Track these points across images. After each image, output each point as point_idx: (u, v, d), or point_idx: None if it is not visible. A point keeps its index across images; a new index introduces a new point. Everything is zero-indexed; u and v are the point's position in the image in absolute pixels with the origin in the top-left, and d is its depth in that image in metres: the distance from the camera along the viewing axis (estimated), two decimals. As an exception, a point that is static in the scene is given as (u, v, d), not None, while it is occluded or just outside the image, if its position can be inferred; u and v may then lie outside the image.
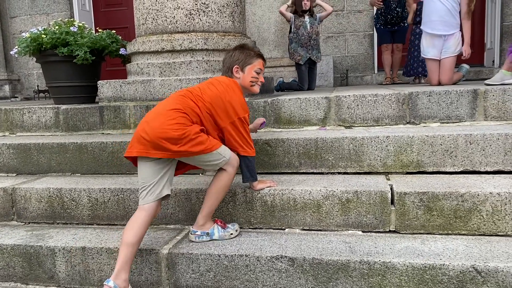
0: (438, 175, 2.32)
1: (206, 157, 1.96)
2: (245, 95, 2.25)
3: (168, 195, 1.96)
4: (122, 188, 2.38)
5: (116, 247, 2.06)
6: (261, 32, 6.72)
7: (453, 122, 2.68)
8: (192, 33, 3.11)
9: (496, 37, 6.26)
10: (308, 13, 5.02)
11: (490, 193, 1.96)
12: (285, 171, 2.53)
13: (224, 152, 2.00)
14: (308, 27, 4.97)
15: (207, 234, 2.09)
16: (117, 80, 3.16)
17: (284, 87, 5.15)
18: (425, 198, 2.02)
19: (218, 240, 2.09)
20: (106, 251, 2.08)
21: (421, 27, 3.86)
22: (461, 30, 3.80)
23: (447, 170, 2.34)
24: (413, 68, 5.29)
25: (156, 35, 3.17)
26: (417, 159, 2.36)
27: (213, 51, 3.13)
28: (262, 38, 6.70)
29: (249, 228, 2.23)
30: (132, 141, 1.93)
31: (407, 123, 2.74)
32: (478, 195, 1.98)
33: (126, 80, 3.14)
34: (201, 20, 3.12)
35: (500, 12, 6.11)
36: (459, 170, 2.33)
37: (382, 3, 5.51)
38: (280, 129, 2.88)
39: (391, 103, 2.75)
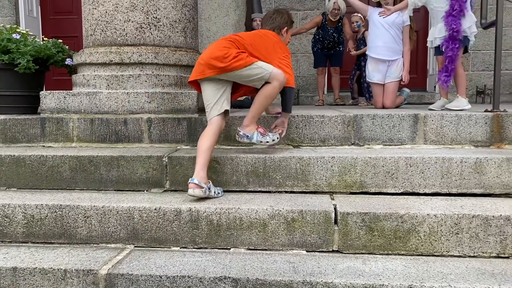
0: (380, 196, 2.40)
1: (248, 72, 2.41)
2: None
3: (227, 111, 2.48)
4: (61, 205, 2.27)
5: (51, 267, 1.95)
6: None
7: (395, 145, 2.79)
8: (142, 47, 3.07)
9: (436, 61, 6.63)
10: None
11: (428, 214, 2.05)
12: (233, 189, 2.52)
13: (265, 66, 2.44)
14: None
15: (247, 136, 2.53)
16: (61, 91, 3.04)
17: (236, 105, 5.16)
18: (367, 219, 2.08)
19: (256, 144, 2.55)
20: (40, 272, 1.96)
21: (367, 53, 4.03)
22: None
23: (389, 191, 2.42)
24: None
25: (105, 47, 3.09)
26: (360, 179, 2.43)
27: (163, 65, 3.09)
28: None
29: (194, 248, 2.18)
30: (193, 72, 2.47)
31: (352, 144, 2.82)
32: (416, 216, 2.05)
33: (71, 91, 3.03)
34: (152, 34, 3.08)
35: (441, 41, 6.50)
36: (399, 192, 2.41)
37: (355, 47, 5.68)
38: (230, 147, 2.88)
39: (337, 125, 2.82)
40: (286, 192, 2.48)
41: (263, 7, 6.59)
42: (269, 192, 2.49)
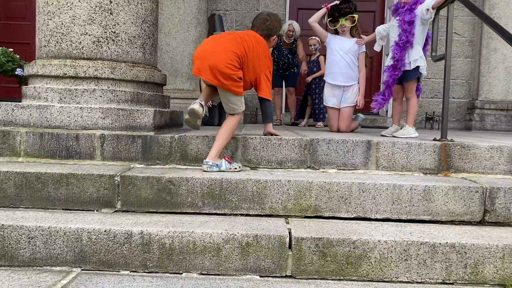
0: (333, 220, 2.43)
1: (233, 99, 2.80)
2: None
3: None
4: (2, 224, 2.14)
5: (-12, 294, 1.83)
6: (174, 63, 6.68)
7: (349, 169, 2.85)
8: (99, 61, 2.99)
9: (390, 89, 6.89)
10: None
11: (379, 241, 2.10)
12: (188, 211, 2.47)
13: (243, 103, 2.86)
14: None
15: (217, 165, 2.65)
16: (9, 103, 2.90)
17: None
18: (321, 244, 2.10)
19: (225, 171, 2.63)
20: (-25, 298, 1.83)
21: (324, 78, 4.14)
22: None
23: (342, 215, 2.46)
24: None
25: (59, 59, 2.99)
26: (315, 204, 2.46)
27: (119, 81, 3.02)
28: (175, 70, 6.66)
29: (144, 272, 2.12)
30: (203, 69, 2.73)
31: (308, 167, 2.86)
32: (368, 242, 2.10)
33: (20, 103, 2.90)
34: (109, 49, 3.01)
35: (394, 68, 6.78)
36: (352, 216, 2.46)
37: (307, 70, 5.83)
38: (186, 167, 2.84)
39: (294, 148, 2.85)
40: (241, 215, 2.47)
41: (224, 25, 6.64)
42: (225, 214, 2.47)
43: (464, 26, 6.73)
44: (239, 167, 2.74)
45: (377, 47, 3.79)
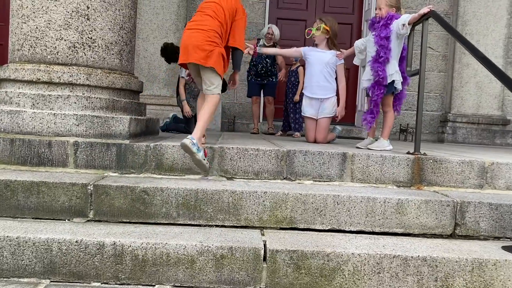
0: (308, 232, 2.44)
1: (213, 77, 2.95)
2: None
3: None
4: (-33, 234, 2.06)
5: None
6: (151, 69, 6.63)
7: (324, 181, 2.88)
8: (74, 67, 2.93)
9: (366, 101, 7.00)
10: None
11: (352, 253, 2.12)
12: (162, 221, 2.44)
13: (220, 86, 2.99)
14: None
15: (198, 149, 2.67)
16: (-21, 107, 2.81)
17: (170, 128, 5.08)
18: (295, 256, 2.10)
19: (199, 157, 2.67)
20: None
21: (302, 90, 4.17)
22: (337, 94, 4.19)
23: (317, 227, 2.48)
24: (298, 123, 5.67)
25: (33, 64, 2.92)
26: (290, 215, 2.47)
27: (95, 87, 2.97)
28: (152, 75, 6.61)
29: (116, 284, 2.07)
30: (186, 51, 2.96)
31: (284, 178, 2.87)
32: (342, 255, 2.11)
33: (-10, 108, 2.81)
34: (85, 55, 2.96)
35: (370, 80, 6.90)
36: (327, 228, 2.48)
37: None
38: (161, 176, 2.81)
39: (271, 159, 2.86)
40: (217, 226, 2.45)
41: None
42: (200, 225, 2.45)
43: (438, 41, 6.91)
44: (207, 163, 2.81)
45: (356, 61, 3.85)
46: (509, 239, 2.50)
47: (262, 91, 6.09)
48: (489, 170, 2.91)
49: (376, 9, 3.45)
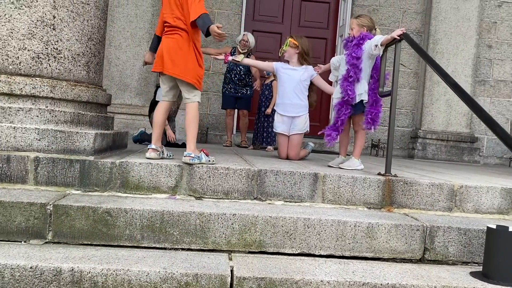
0: (278, 256, 2.38)
1: (189, 88, 2.99)
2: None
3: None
4: None
5: None
6: (123, 77, 6.48)
7: (295, 202, 2.83)
8: (38, 78, 2.80)
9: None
10: None
11: (321, 281, 2.07)
12: (126, 244, 2.34)
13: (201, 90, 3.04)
14: None
15: (198, 157, 2.83)
16: None
17: (144, 139, 4.96)
18: (263, 284, 2.04)
19: (205, 163, 2.82)
20: None
21: (274, 107, 4.13)
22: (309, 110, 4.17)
23: (287, 251, 2.42)
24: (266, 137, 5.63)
25: (-8, 73, 2.77)
26: (260, 239, 2.40)
27: (59, 100, 2.84)
28: (124, 84, 6.46)
29: (73, 314, 1.96)
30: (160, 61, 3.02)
31: (255, 198, 2.81)
32: (311, 282, 2.06)
33: None
34: (50, 66, 2.84)
35: (343, 94, 6.95)
36: (297, 252, 2.43)
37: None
38: (126, 195, 2.70)
39: (241, 178, 2.80)
40: (183, 249, 2.36)
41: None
42: (165, 249, 2.35)
43: (410, 58, 7.04)
44: (214, 161, 2.93)
45: (332, 77, 3.83)
46: (476, 264, 2.51)
47: (236, 103, 6.03)
48: (458, 193, 2.93)
49: (349, 29, 3.47)
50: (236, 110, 6.24)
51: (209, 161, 2.88)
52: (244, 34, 5.85)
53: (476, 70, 7.00)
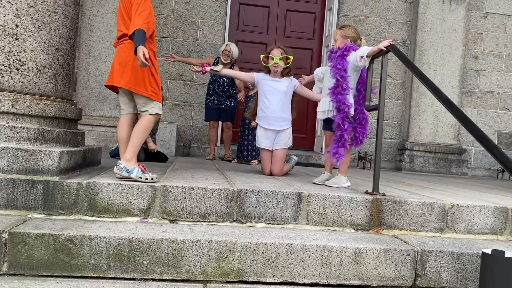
0: (258, 286, 2.19)
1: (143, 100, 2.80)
2: None
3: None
4: None
5: None
6: (102, 88, 6.24)
7: (278, 224, 2.64)
8: (-2, 92, 2.59)
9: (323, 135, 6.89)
10: None
11: (305, 316, 1.88)
12: (90, 275, 2.12)
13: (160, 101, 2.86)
14: None
15: (127, 170, 2.63)
16: None
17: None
18: (240, 321, 1.84)
19: (134, 178, 2.60)
20: None
21: (256, 121, 3.94)
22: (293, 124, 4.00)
23: (267, 280, 2.23)
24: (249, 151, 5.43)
25: None
26: (238, 267, 2.21)
27: (22, 116, 2.63)
28: (103, 95, 6.23)
29: None
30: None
31: (234, 221, 2.61)
32: (293, 318, 1.87)
33: None
34: (12, 79, 2.63)
35: (330, 106, 6.80)
36: (278, 281, 2.23)
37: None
38: (94, 218, 2.48)
39: (220, 199, 2.60)
40: (154, 280, 2.15)
41: (162, 54, 6.35)
42: (134, 279, 2.14)
43: (397, 69, 6.94)
44: (153, 179, 2.65)
45: (316, 89, 3.66)
46: (471, 291, 2.35)
47: (220, 115, 5.84)
48: (450, 213, 2.78)
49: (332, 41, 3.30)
50: (220, 122, 6.05)
51: (144, 178, 2.62)
52: (227, 44, 5.69)
53: (463, 81, 6.94)
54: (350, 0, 6.90)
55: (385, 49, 2.91)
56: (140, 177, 2.62)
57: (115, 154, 4.82)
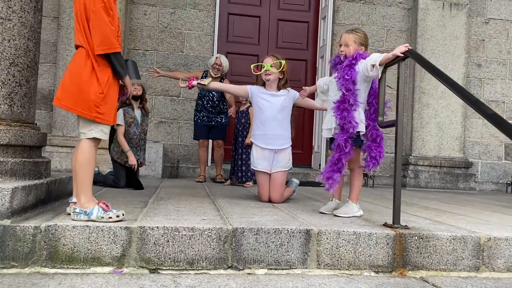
0: None
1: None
2: None
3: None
4: None
5: None
6: (82, 107, 5.76)
7: (282, 269, 2.17)
8: None
9: (322, 143, 6.47)
10: (139, 103, 4.31)
11: None
12: None
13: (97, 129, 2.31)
14: (139, 123, 4.26)
15: (85, 212, 2.17)
16: None
17: (99, 180, 4.23)
18: None
19: (97, 221, 2.13)
20: None
21: (251, 139, 3.49)
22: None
23: None
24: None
25: None
26: (237, 333, 1.73)
27: (-33, 145, 2.15)
28: (83, 114, 5.73)
29: None
30: None
31: (229, 267, 2.14)
32: None
33: None
34: (-47, 100, 2.15)
35: (327, 120, 6.37)
36: None
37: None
38: (55, 270, 2.00)
39: (211, 241, 2.13)
40: None
41: (146, 68, 5.91)
42: None
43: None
44: (119, 216, 2.18)
45: (318, 102, 3.21)
46: None
47: (210, 133, 5.38)
48: (486, 247, 2.33)
49: (341, 46, 2.86)
50: (210, 141, 5.59)
51: (107, 218, 2.14)
52: (217, 57, 5.27)
53: (467, 90, 6.56)
54: (346, 8, 6.53)
55: (402, 55, 2.49)
56: (102, 217, 2.15)
57: (96, 181, 4.31)
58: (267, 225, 2.25)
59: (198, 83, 3.35)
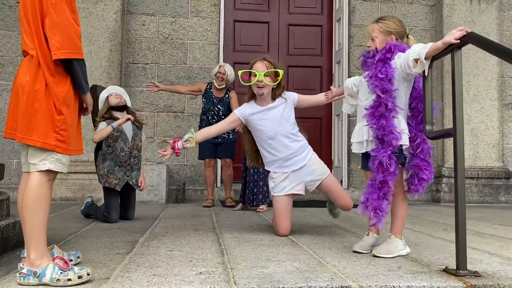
0: None
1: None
2: None
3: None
4: None
5: None
6: (77, 128, 5.25)
7: None
8: None
9: (344, 156, 5.85)
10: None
11: None
12: None
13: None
14: (130, 139, 3.63)
15: (35, 273, 1.62)
16: None
17: (90, 214, 3.66)
18: None
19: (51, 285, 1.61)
20: None
21: (266, 168, 2.87)
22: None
23: None
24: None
25: None
26: None
27: None
28: (78, 136, 5.23)
29: None
30: None
31: None
32: None
33: None
34: None
35: (347, 132, 5.75)
36: None
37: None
38: None
39: (209, 309, 1.52)
40: None
41: (147, 83, 5.40)
42: None
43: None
44: (81, 278, 1.61)
45: (346, 108, 2.56)
46: None
47: (217, 151, 4.80)
48: None
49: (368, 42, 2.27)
50: (217, 160, 5.00)
51: (65, 280, 1.60)
52: (220, 66, 4.73)
53: (502, 91, 5.88)
54: (362, 8, 5.96)
55: (458, 41, 1.88)
56: (58, 279, 1.61)
57: (85, 215, 3.73)
58: (287, 281, 1.63)
59: (183, 145, 2.68)
